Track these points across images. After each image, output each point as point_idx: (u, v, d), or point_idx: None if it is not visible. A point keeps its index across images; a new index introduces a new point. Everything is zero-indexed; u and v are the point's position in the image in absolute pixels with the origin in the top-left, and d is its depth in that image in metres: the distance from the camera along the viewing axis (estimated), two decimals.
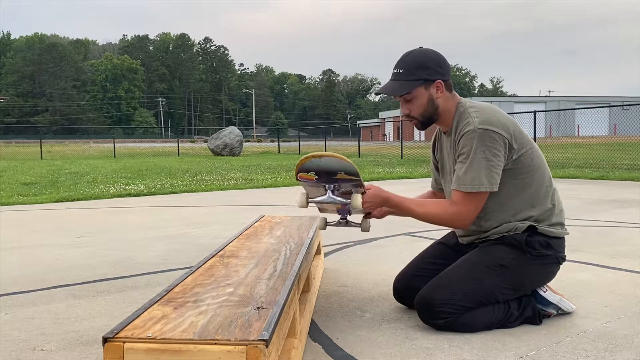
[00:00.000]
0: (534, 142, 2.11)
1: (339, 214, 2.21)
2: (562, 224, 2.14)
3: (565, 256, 2.16)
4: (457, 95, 2.13)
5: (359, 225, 2.16)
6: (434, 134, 2.34)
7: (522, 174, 2.05)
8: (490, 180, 1.97)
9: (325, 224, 2.24)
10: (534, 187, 2.07)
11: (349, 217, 2.24)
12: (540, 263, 2.07)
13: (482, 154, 1.96)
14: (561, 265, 2.18)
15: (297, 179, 2.01)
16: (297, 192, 2.06)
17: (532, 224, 2.06)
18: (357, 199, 1.96)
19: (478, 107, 2.06)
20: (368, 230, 2.10)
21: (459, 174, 2.01)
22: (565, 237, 2.17)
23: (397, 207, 2.07)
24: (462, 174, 1.99)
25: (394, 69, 2.09)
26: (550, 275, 2.16)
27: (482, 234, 2.13)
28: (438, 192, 2.41)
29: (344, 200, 2.00)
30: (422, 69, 2.04)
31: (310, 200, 2.03)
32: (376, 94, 2.18)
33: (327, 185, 2.00)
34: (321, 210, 2.33)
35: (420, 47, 2.12)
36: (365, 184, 2.03)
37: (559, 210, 2.15)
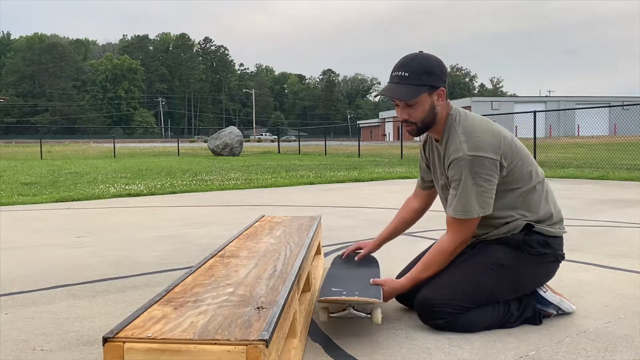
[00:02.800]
0: (522, 147, 2.11)
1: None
2: (559, 223, 2.15)
3: (564, 254, 2.17)
4: (449, 102, 2.11)
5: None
6: (426, 136, 2.31)
7: (514, 184, 2.06)
8: (482, 205, 1.99)
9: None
10: (528, 193, 2.08)
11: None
12: (539, 262, 2.07)
13: (472, 181, 1.97)
14: (561, 265, 2.18)
15: (318, 301, 2.00)
16: (318, 306, 2.05)
17: (530, 222, 2.06)
18: (377, 315, 1.96)
19: (465, 126, 2.02)
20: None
21: (451, 201, 2.04)
22: (565, 236, 2.17)
23: (415, 285, 2.11)
24: (455, 202, 2.02)
25: (397, 71, 2.03)
26: (550, 274, 2.16)
27: (480, 236, 2.14)
28: (425, 190, 2.41)
29: (365, 314, 2.00)
30: (428, 75, 2.00)
31: (331, 315, 2.02)
32: (377, 95, 2.14)
33: (347, 304, 2.00)
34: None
35: (421, 52, 2.09)
36: (378, 280, 2.09)
37: (556, 211, 2.16)
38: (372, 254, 2.51)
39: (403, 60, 2.04)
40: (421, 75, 1.99)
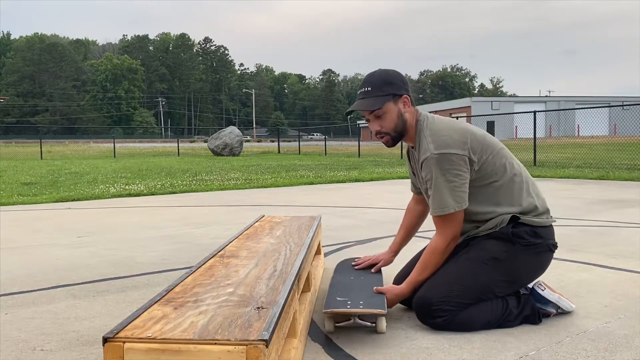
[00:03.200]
0: (495, 142, 2.16)
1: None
2: (546, 214, 2.18)
3: (556, 243, 2.19)
4: (418, 109, 2.21)
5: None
6: (408, 146, 2.40)
7: (489, 178, 2.10)
8: (456, 200, 2.04)
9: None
10: (506, 186, 2.12)
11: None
12: (532, 252, 2.10)
13: (443, 178, 2.04)
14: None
15: (324, 312, 2.01)
16: (324, 316, 2.06)
17: (515, 214, 2.10)
18: (383, 326, 2.00)
19: (432, 128, 2.11)
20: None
21: (431, 203, 2.11)
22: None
23: (415, 288, 2.13)
24: (432, 201, 2.10)
25: (361, 88, 2.17)
26: (544, 264, 2.18)
27: (469, 233, 2.18)
28: (418, 195, 2.48)
29: (370, 324, 2.03)
30: (388, 85, 2.13)
31: (337, 325, 2.04)
32: (347, 113, 2.27)
33: (352, 315, 2.03)
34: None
35: (381, 69, 2.20)
36: (381, 288, 2.12)
37: (540, 201, 2.18)
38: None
39: (364, 78, 2.19)
40: (382, 86, 2.12)
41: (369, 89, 2.13)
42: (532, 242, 2.09)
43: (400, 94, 2.13)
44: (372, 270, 2.43)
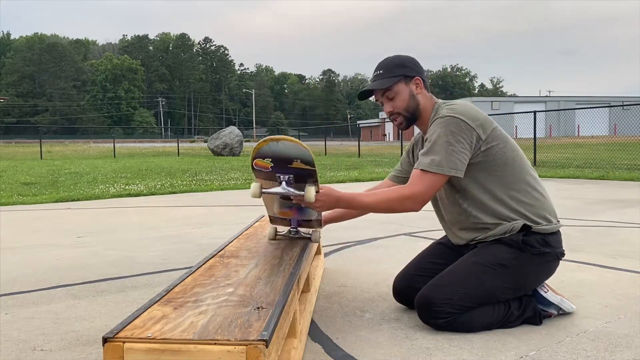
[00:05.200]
0: (509, 138, 2.14)
1: (290, 224, 2.30)
2: (553, 217, 2.15)
3: (563, 251, 2.17)
4: (434, 97, 2.21)
5: (309, 236, 2.21)
6: (417, 138, 2.39)
7: (497, 167, 2.07)
8: (449, 164, 1.98)
9: (275, 233, 2.35)
10: (512, 181, 2.08)
11: (299, 228, 2.32)
12: (540, 261, 2.08)
13: (444, 138, 2.00)
14: (561, 265, 2.18)
15: (253, 167, 1.99)
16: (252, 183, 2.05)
17: (527, 223, 2.06)
18: (311, 191, 1.93)
19: (452, 103, 2.13)
20: (318, 242, 2.13)
21: (420, 157, 2.05)
22: (565, 236, 2.17)
23: (350, 206, 2.07)
24: (422, 156, 2.04)
25: (374, 73, 2.21)
26: (550, 272, 2.16)
27: (478, 231, 2.13)
28: (395, 182, 2.43)
29: (298, 192, 1.97)
30: (400, 67, 2.16)
31: (264, 191, 2.01)
32: (359, 94, 2.26)
33: (281, 176, 1.98)
34: (272, 221, 2.41)
35: (395, 54, 2.24)
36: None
37: (547, 203, 2.16)
38: None
39: (378, 64, 2.22)
40: (393, 69, 2.16)
41: (381, 71, 2.17)
42: (542, 251, 2.06)
43: (411, 76, 2.15)
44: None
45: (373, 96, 2.23)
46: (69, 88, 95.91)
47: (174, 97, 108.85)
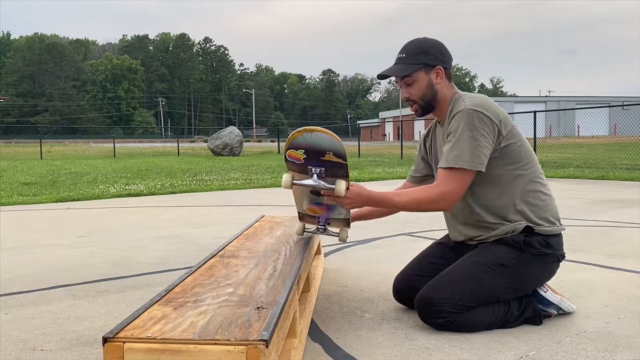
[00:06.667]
0: (526, 140, 2.14)
1: (318, 222, 2.27)
2: (556, 220, 2.15)
3: (564, 253, 2.17)
4: (456, 87, 2.17)
5: (337, 234, 2.20)
6: (430, 126, 2.36)
7: (510, 164, 2.06)
8: (474, 159, 1.97)
9: (303, 230, 2.33)
10: (523, 178, 2.08)
11: (328, 226, 2.30)
12: (541, 262, 2.07)
13: (469, 132, 1.98)
14: (561, 265, 2.18)
15: (286, 158, 1.98)
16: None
17: (529, 224, 2.06)
18: (341, 185, 1.93)
19: (473, 95, 2.11)
20: (345, 241, 2.10)
21: (445, 153, 2.03)
22: (565, 236, 2.17)
23: (380, 205, 2.07)
24: (447, 152, 2.01)
25: (398, 55, 2.16)
26: (551, 273, 2.16)
27: (480, 229, 2.13)
28: (414, 183, 2.41)
29: (329, 185, 1.97)
30: (423, 54, 2.11)
31: (295, 182, 2.01)
32: (379, 76, 2.22)
33: (313, 169, 1.98)
34: (301, 218, 2.39)
35: (424, 37, 2.18)
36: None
37: (552, 205, 2.16)
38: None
39: (404, 45, 2.17)
40: (417, 55, 2.11)
41: (404, 55, 2.13)
42: (543, 252, 2.06)
43: (433, 65, 2.10)
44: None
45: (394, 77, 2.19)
46: (68, 88, 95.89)
47: (174, 97, 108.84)
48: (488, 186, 2.07)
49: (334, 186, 1.95)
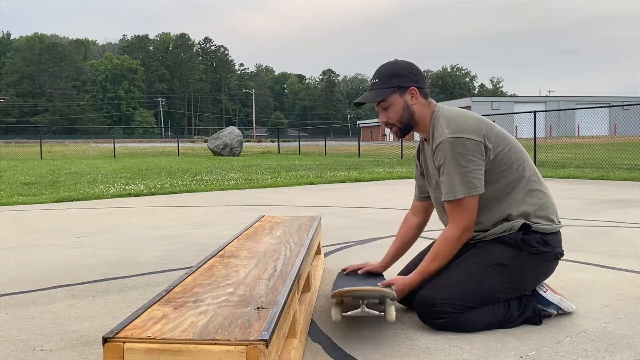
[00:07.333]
0: (512, 139, 2.15)
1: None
2: (554, 217, 2.16)
3: (562, 251, 2.17)
4: (434, 102, 2.20)
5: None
6: (419, 142, 2.37)
7: (502, 171, 2.08)
8: (468, 186, 2.02)
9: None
10: (517, 181, 2.10)
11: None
12: (539, 260, 2.08)
13: (454, 162, 2.02)
14: (561, 265, 2.18)
15: (331, 297, 1.99)
16: (330, 303, 2.05)
17: (526, 222, 2.07)
18: (392, 314, 1.94)
19: (448, 115, 2.11)
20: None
21: (442, 187, 2.09)
22: (565, 236, 2.17)
23: (423, 280, 2.10)
24: (443, 187, 2.08)
25: (371, 80, 2.20)
26: (549, 272, 2.17)
27: (479, 232, 2.14)
28: (422, 201, 2.41)
29: (378, 313, 1.99)
30: (395, 77, 2.14)
31: (344, 314, 2.01)
32: (354, 104, 2.26)
33: (360, 300, 2.00)
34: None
35: (394, 60, 2.21)
36: (387, 281, 2.09)
37: (550, 202, 2.17)
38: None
39: (376, 70, 2.20)
40: (389, 79, 2.14)
41: (377, 80, 2.16)
42: (541, 250, 2.07)
43: (406, 86, 2.13)
44: (360, 271, 2.34)
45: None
46: (69, 88, 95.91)
47: (174, 97, 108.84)
48: (487, 195, 2.08)
49: (383, 314, 1.97)
